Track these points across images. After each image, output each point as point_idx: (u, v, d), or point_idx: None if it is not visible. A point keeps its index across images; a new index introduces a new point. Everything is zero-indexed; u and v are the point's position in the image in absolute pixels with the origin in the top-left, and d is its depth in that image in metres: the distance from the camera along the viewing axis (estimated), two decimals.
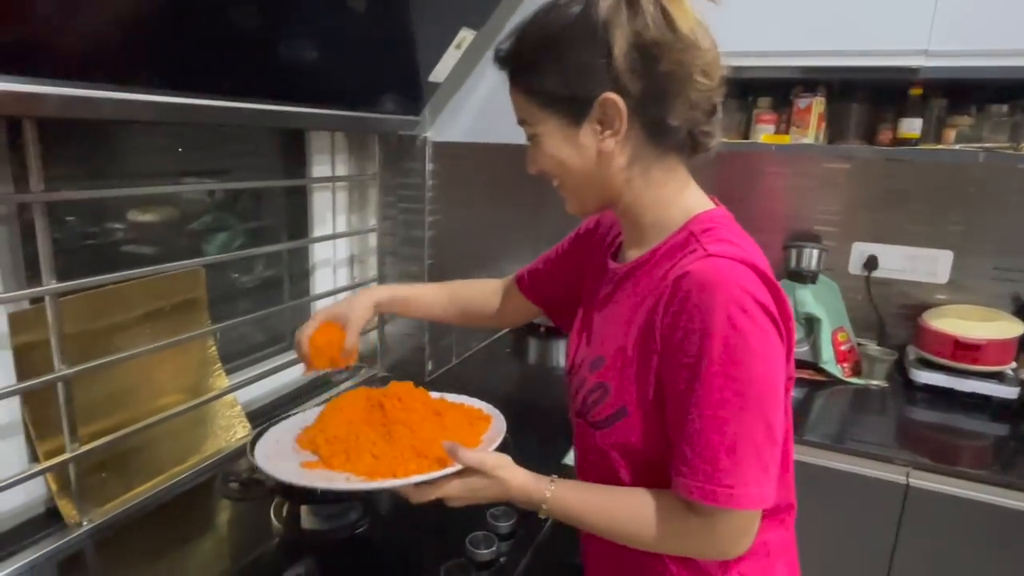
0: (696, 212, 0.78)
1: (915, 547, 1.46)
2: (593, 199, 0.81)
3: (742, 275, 0.68)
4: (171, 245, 1.32)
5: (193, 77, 0.95)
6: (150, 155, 1.28)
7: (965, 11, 1.46)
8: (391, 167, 1.60)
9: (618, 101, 0.71)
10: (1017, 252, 1.84)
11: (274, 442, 0.91)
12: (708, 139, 0.76)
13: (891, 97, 1.73)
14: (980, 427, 1.61)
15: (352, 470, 0.82)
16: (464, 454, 0.77)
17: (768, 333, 0.67)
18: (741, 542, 0.72)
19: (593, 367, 0.80)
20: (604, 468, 0.80)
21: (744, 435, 0.67)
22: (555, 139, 0.76)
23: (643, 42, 0.69)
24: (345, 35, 1.14)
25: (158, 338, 1.16)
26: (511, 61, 0.78)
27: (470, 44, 1.34)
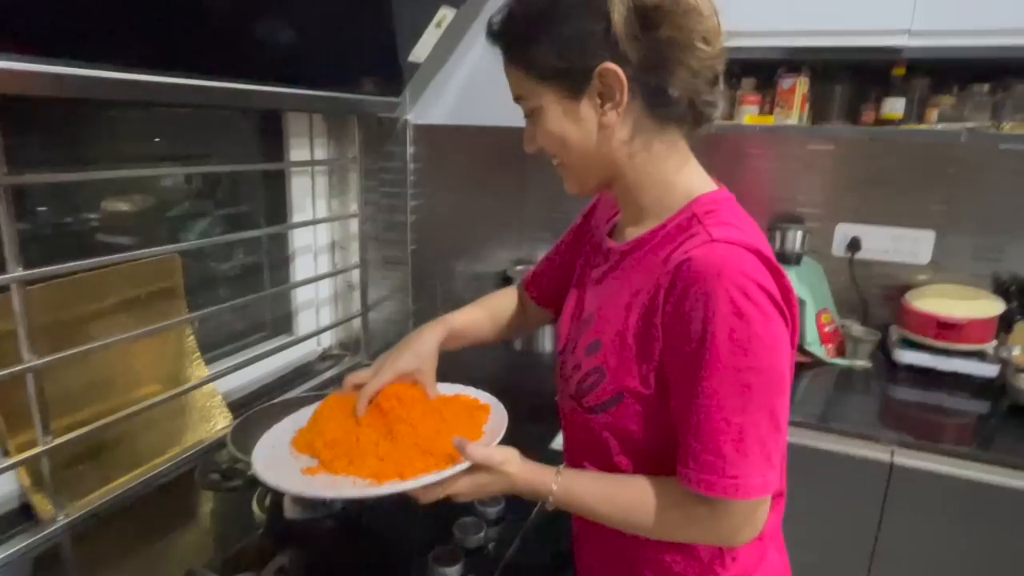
0: (698, 193, 0.76)
1: (899, 524, 1.47)
2: (594, 176, 0.79)
3: (746, 261, 0.66)
4: (147, 234, 1.28)
5: (164, 54, 0.91)
6: (123, 141, 1.24)
7: None
8: (372, 151, 1.57)
9: (618, 71, 0.69)
10: (997, 231, 1.85)
11: (270, 448, 0.86)
12: (710, 109, 0.74)
13: (874, 78, 1.73)
14: (962, 405, 1.63)
15: (356, 473, 0.78)
16: (472, 451, 0.74)
17: (773, 320, 0.66)
18: (746, 530, 0.71)
19: (589, 351, 0.79)
20: (598, 452, 0.79)
21: (749, 425, 0.65)
22: (554, 114, 0.74)
23: (642, 7, 0.67)
24: (321, 13, 1.11)
25: (134, 327, 1.13)
26: (505, 35, 0.75)
27: (450, 23, 1.31)
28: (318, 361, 1.69)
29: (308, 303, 1.65)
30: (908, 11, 1.47)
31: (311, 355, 1.68)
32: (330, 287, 1.70)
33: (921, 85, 1.67)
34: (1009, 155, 1.79)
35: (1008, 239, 1.84)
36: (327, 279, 1.67)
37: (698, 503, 0.70)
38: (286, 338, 1.60)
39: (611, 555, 0.84)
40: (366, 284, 1.67)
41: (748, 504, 0.69)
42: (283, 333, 1.63)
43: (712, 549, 0.78)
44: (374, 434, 0.84)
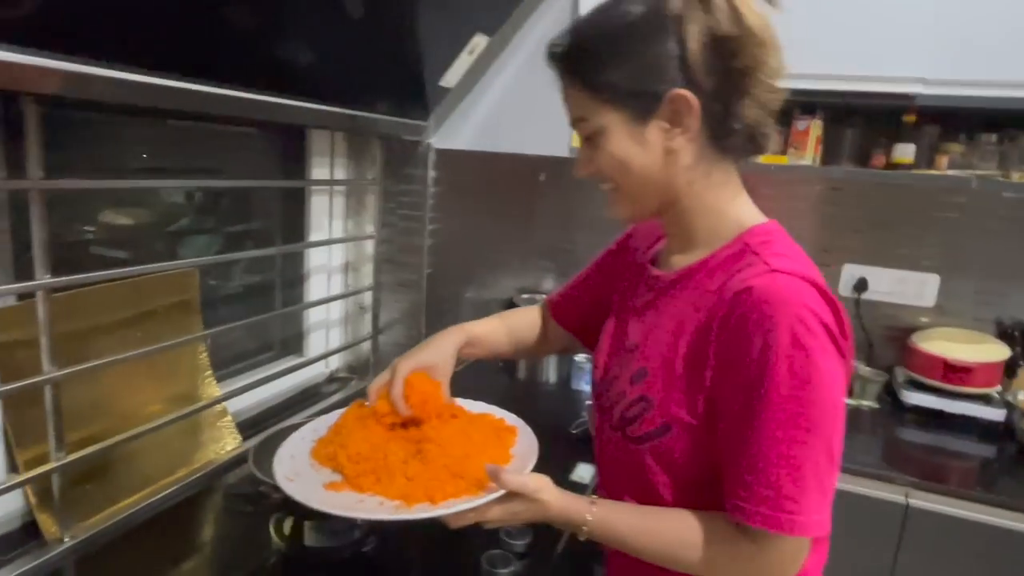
0: (750, 223, 0.76)
1: (913, 567, 1.46)
2: (650, 202, 0.78)
3: (806, 293, 0.65)
4: (145, 248, 1.24)
5: (194, 60, 0.89)
6: (138, 151, 1.21)
7: (961, 42, 1.51)
8: (392, 173, 1.57)
9: (691, 97, 0.69)
10: (999, 277, 1.88)
11: (289, 458, 0.83)
12: (766, 141, 0.75)
13: (884, 123, 1.77)
14: (971, 448, 1.63)
15: (384, 493, 0.75)
16: (507, 479, 0.72)
17: (832, 354, 0.65)
18: (791, 569, 0.69)
19: (634, 380, 0.77)
20: (640, 483, 0.77)
21: (808, 460, 0.64)
22: (619, 136, 0.73)
23: (717, 37, 0.68)
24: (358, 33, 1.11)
25: (148, 341, 1.09)
26: (570, 56, 0.75)
27: (482, 51, 1.32)
28: (325, 383, 1.65)
29: (319, 324, 1.62)
30: (923, 60, 1.52)
31: (319, 377, 1.64)
32: (341, 308, 1.67)
33: (931, 132, 1.71)
34: (1013, 203, 1.84)
35: (1011, 285, 1.88)
36: (338, 300, 1.64)
37: (744, 538, 0.68)
38: (295, 358, 1.56)
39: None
40: (378, 306, 1.65)
41: (796, 542, 0.68)
42: (290, 353, 1.60)
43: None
44: (401, 451, 0.81)
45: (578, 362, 1.82)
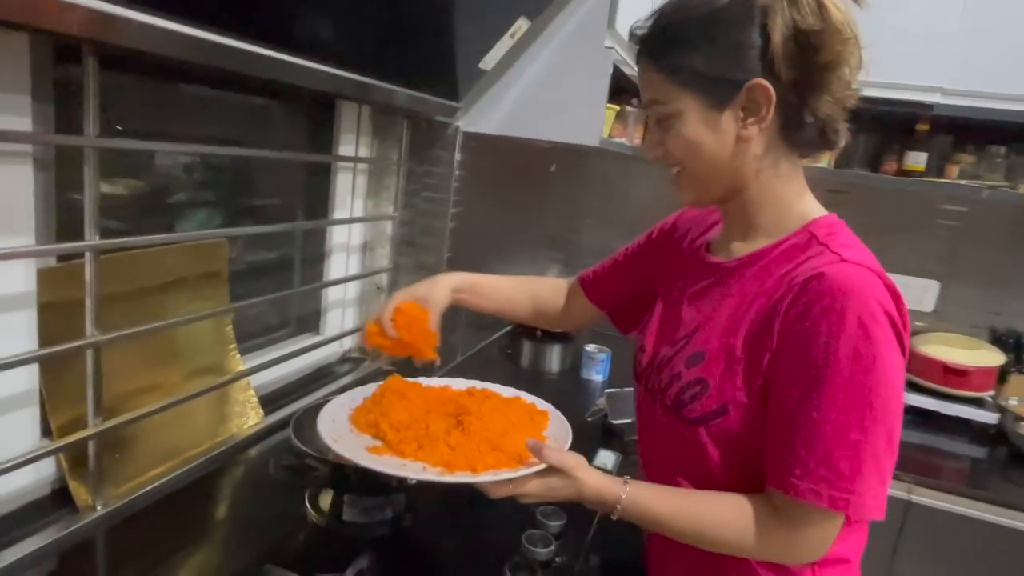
0: (814, 215, 0.78)
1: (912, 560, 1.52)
2: (717, 188, 0.79)
3: (874, 284, 0.67)
4: (142, 220, 1.16)
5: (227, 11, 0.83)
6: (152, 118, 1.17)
7: (980, 55, 1.56)
8: (417, 154, 1.55)
9: (769, 88, 0.70)
10: (996, 286, 1.96)
11: (331, 422, 0.85)
12: (837, 137, 0.76)
13: (896, 130, 1.82)
14: (966, 449, 1.70)
15: (426, 460, 0.78)
16: (548, 453, 0.75)
17: (894, 344, 0.67)
18: (824, 547, 0.71)
19: (691, 362, 0.79)
20: (695, 463, 0.79)
21: (867, 443, 0.66)
22: (694, 120, 0.74)
23: (801, 31, 0.69)
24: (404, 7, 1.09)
25: (180, 309, 1.08)
26: (655, 38, 0.76)
27: (522, 35, 1.32)
28: (338, 363, 1.64)
29: (337, 303, 1.60)
30: (944, 70, 1.56)
31: (332, 356, 1.63)
32: (357, 288, 1.66)
33: (944, 142, 1.76)
34: (1012, 215, 1.90)
35: (1006, 295, 1.95)
36: (356, 280, 1.63)
37: (779, 519, 0.71)
38: (312, 336, 1.55)
39: (700, 570, 0.83)
40: (395, 287, 1.64)
41: (832, 523, 0.70)
42: (307, 330, 1.58)
43: (802, 567, 0.78)
44: (443, 422, 0.85)
45: (589, 352, 1.83)
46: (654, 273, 0.99)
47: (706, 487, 0.78)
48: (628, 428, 1.41)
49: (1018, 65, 1.56)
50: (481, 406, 0.89)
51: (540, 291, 1.14)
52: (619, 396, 1.47)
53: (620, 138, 1.79)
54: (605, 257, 1.12)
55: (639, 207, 2.26)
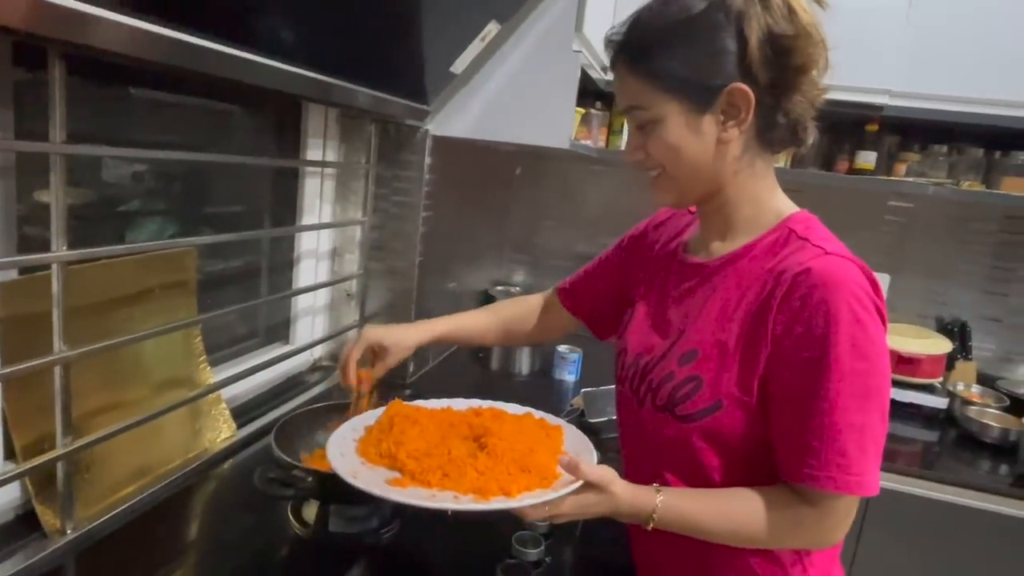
0: (788, 212, 0.81)
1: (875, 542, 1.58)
2: (696, 190, 0.81)
3: (858, 274, 0.71)
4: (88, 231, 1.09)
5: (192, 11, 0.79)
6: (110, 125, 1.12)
7: (925, 59, 1.65)
8: (386, 158, 1.54)
9: (748, 91, 0.73)
10: (941, 277, 2.06)
11: (340, 456, 0.80)
12: (806, 136, 0.79)
13: (847, 131, 1.90)
14: (917, 433, 1.78)
15: (455, 487, 0.74)
16: (586, 470, 0.73)
17: (881, 329, 0.71)
18: (843, 529, 0.74)
19: (683, 361, 0.80)
20: (687, 461, 0.80)
21: (868, 426, 0.69)
22: (676, 125, 0.76)
23: (774, 35, 0.72)
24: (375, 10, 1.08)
25: (146, 322, 1.04)
26: (633, 44, 0.77)
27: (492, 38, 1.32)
28: (308, 372, 1.60)
29: (307, 311, 1.57)
30: (891, 73, 1.64)
31: (303, 365, 1.59)
32: (327, 295, 1.63)
33: (891, 141, 1.85)
34: (955, 210, 2.01)
35: (952, 285, 2.06)
36: (326, 288, 1.60)
37: (805, 505, 0.73)
38: (283, 346, 1.51)
39: (692, 565, 0.84)
40: (365, 294, 1.62)
41: (853, 502, 0.73)
42: (276, 340, 1.54)
43: (791, 553, 0.81)
44: (463, 447, 0.81)
45: (561, 352, 1.85)
46: (629, 278, 1.01)
47: (696, 484, 0.79)
48: (605, 426, 1.43)
49: (959, 69, 1.65)
50: (501, 427, 0.86)
51: (510, 313, 1.16)
52: (595, 395, 1.49)
53: (585, 140, 1.82)
54: (568, 259, 1.15)
55: (600, 209, 2.29)
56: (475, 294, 2.18)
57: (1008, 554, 1.52)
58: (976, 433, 1.72)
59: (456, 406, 0.95)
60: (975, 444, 1.72)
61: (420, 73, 1.30)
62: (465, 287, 2.07)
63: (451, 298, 1.91)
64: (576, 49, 1.38)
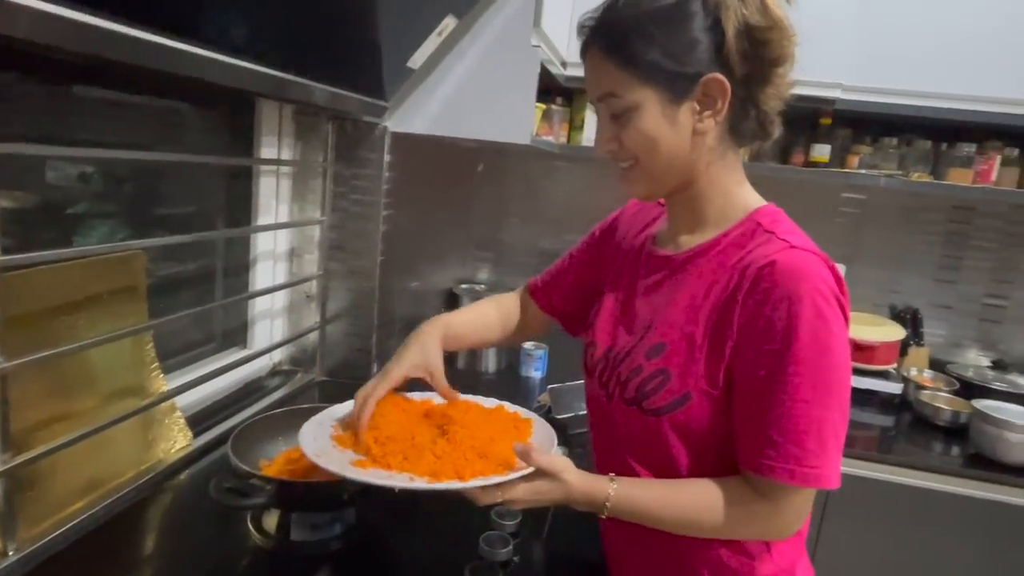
0: (755, 205, 0.82)
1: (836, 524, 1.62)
2: (670, 182, 0.81)
3: (821, 268, 0.71)
4: (32, 236, 1.04)
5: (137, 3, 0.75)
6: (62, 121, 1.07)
7: (876, 54, 1.69)
8: (344, 156, 1.51)
9: (725, 82, 0.73)
10: (893, 266, 2.12)
11: (312, 439, 0.81)
12: (774, 128, 0.80)
13: (802, 125, 1.94)
14: (874, 419, 1.84)
15: (412, 470, 0.75)
16: (536, 457, 0.74)
17: (842, 323, 0.72)
18: (801, 520, 0.75)
19: (651, 354, 0.80)
20: (657, 454, 0.80)
21: (827, 419, 0.70)
22: (652, 114, 0.75)
23: (751, 27, 0.72)
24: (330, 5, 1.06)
25: (92, 329, 0.99)
26: (609, 31, 0.76)
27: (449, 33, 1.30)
28: (268, 376, 1.56)
29: (264, 314, 1.53)
30: (843, 67, 1.68)
31: (263, 370, 1.55)
32: (285, 297, 1.59)
33: (844, 134, 1.89)
34: (905, 201, 2.07)
35: (903, 274, 2.12)
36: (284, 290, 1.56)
37: (760, 496, 0.74)
38: (240, 350, 1.47)
39: (662, 557, 0.84)
40: (326, 295, 1.58)
41: (808, 495, 0.74)
42: (233, 344, 1.50)
43: (758, 544, 0.81)
44: (428, 433, 0.83)
45: (527, 349, 1.84)
46: (600, 273, 1.00)
47: (667, 476, 0.80)
48: (572, 422, 1.43)
49: (908, 63, 1.70)
50: (465, 415, 0.87)
51: (506, 310, 1.12)
52: (562, 391, 1.49)
53: (547, 136, 1.81)
54: (533, 255, 1.13)
55: (564, 205, 2.29)
56: (440, 292, 2.16)
57: (962, 532, 1.58)
58: (929, 417, 1.78)
59: (436, 399, 0.96)
60: (929, 427, 1.77)
61: (377, 69, 1.27)
62: (429, 286, 2.04)
63: (414, 297, 1.89)
64: (535, 44, 1.37)
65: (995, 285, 2.09)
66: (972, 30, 1.69)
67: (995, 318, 2.11)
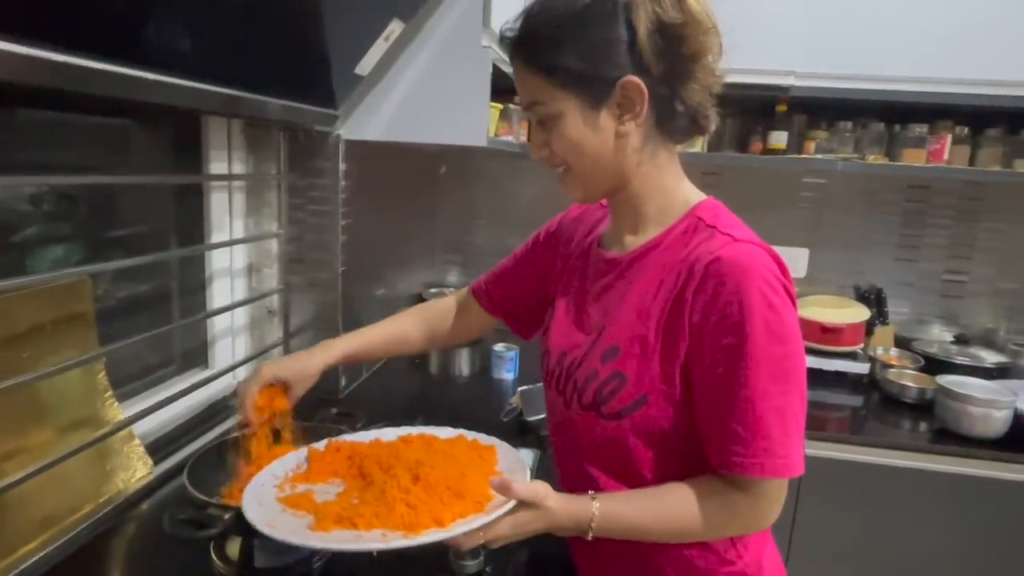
0: (695, 200, 0.81)
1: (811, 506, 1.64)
2: (602, 184, 0.81)
3: (766, 258, 0.72)
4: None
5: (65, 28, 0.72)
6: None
7: (826, 40, 1.71)
8: (298, 167, 1.48)
9: (640, 84, 0.72)
10: (855, 247, 2.15)
11: (258, 505, 0.76)
12: (707, 123, 0.80)
13: (758, 113, 1.95)
14: (843, 400, 1.86)
15: (384, 526, 0.70)
16: (518, 488, 0.71)
17: (792, 310, 0.72)
18: (776, 511, 0.76)
19: (605, 358, 0.79)
20: (618, 458, 0.80)
21: (789, 407, 0.70)
22: (575, 120, 0.75)
23: (664, 24, 0.71)
24: (268, 15, 1.03)
25: (39, 363, 0.95)
26: (527, 40, 0.76)
27: (396, 37, 1.28)
28: (232, 397, 1.53)
29: (224, 332, 1.50)
30: (795, 55, 1.70)
31: (227, 390, 1.51)
32: (246, 314, 1.56)
33: (800, 121, 1.91)
34: (864, 183, 2.10)
35: (865, 255, 2.15)
36: (243, 307, 1.52)
37: (737, 492, 0.73)
38: (202, 371, 1.44)
39: (628, 559, 0.84)
40: (288, 309, 1.56)
41: (784, 484, 0.74)
42: (194, 366, 1.46)
43: (724, 540, 0.81)
44: (393, 482, 0.77)
45: (497, 351, 1.83)
46: (547, 276, 1.00)
47: (628, 481, 0.79)
48: (543, 423, 1.42)
49: (857, 48, 1.72)
50: (432, 455, 0.83)
51: (431, 315, 1.14)
52: (532, 393, 1.48)
53: (507, 136, 1.80)
54: (501, 256, 1.12)
55: (530, 204, 2.29)
56: (408, 298, 2.14)
57: (932, 506, 1.61)
58: (896, 394, 1.81)
59: (384, 436, 0.92)
60: (896, 405, 1.81)
61: (326, 77, 1.24)
62: (396, 292, 2.02)
63: (382, 305, 1.86)
64: (485, 45, 1.36)
65: (954, 261, 2.13)
66: (919, 13, 1.71)
67: (956, 293, 2.15)
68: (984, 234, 2.10)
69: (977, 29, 1.69)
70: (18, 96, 0.99)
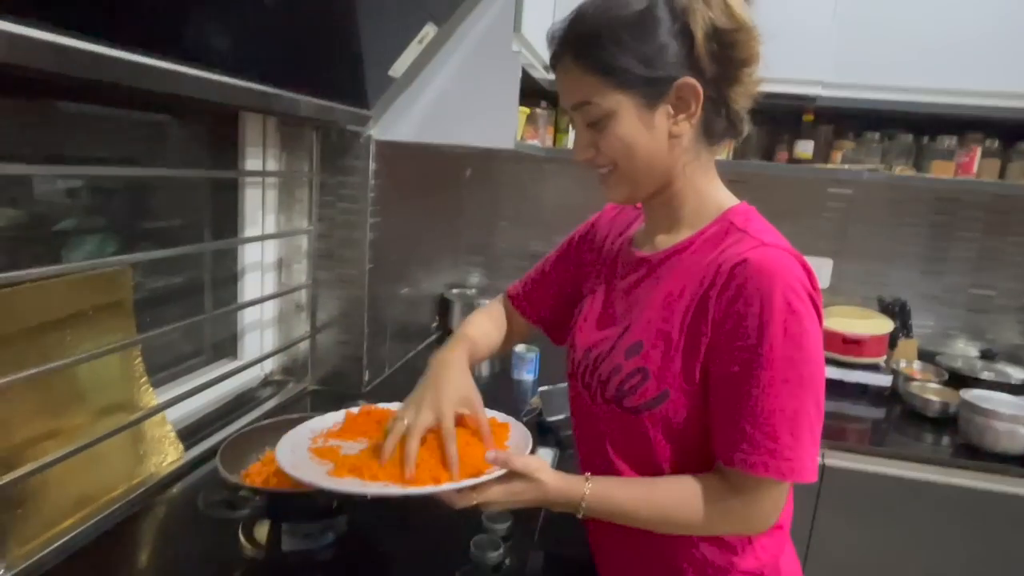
0: (728, 204, 0.83)
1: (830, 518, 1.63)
2: (649, 184, 0.82)
3: (793, 265, 0.73)
4: (20, 252, 1.06)
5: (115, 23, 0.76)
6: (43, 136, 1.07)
7: (854, 51, 1.71)
8: (329, 165, 1.51)
9: (697, 85, 0.74)
10: (880, 259, 2.14)
11: (289, 451, 0.82)
12: (743, 126, 0.81)
13: (785, 122, 1.95)
14: (865, 411, 1.85)
15: (388, 478, 0.75)
16: (509, 458, 0.75)
17: (815, 318, 0.73)
18: (776, 513, 0.76)
19: (629, 353, 0.81)
20: (639, 451, 0.81)
21: (802, 412, 0.71)
22: (629, 120, 0.76)
23: (719, 29, 0.73)
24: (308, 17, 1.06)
25: (78, 346, 0.99)
26: (580, 39, 0.77)
27: (430, 40, 1.31)
28: (260, 387, 1.57)
29: (254, 324, 1.53)
30: (823, 66, 1.70)
31: (254, 381, 1.55)
32: (275, 308, 1.59)
33: (827, 131, 1.91)
34: (891, 194, 2.09)
35: (890, 267, 2.14)
36: (273, 300, 1.56)
37: (734, 491, 0.74)
38: (230, 362, 1.47)
39: (647, 556, 0.85)
40: (315, 304, 1.59)
41: (783, 489, 0.75)
42: (223, 356, 1.50)
43: (740, 539, 0.82)
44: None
45: (518, 352, 1.85)
46: (579, 279, 1.01)
47: (650, 472, 0.80)
48: (563, 424, 1.44)
49: (885, 59, 1.72)
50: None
51: (499, 320, 1.12)
52: (552, 393, 1.49)
53: (533, 140, 1.82)
54: (524, 258, 1.14)
55: (552, 207, 2.30)
56: (431, 298, 2.16)
57: (953, 521, 1.59)
58: (919, 408, 1.79)
59: None
60: (919, 418, 1.79)
61: (358, 78, 1.28)
62: (420, 292, 2.05)
63: (406, 303, 1.89)
64: (516, 49, 1.38)
65: (981, 275, 2.11)
66: (950, 24, 1.71)
67: (982, 308, 2.13)
68: (1013, 248, 2.07)
69: (1008, 41, 1.68)
70: (62, 89, 1.03)
